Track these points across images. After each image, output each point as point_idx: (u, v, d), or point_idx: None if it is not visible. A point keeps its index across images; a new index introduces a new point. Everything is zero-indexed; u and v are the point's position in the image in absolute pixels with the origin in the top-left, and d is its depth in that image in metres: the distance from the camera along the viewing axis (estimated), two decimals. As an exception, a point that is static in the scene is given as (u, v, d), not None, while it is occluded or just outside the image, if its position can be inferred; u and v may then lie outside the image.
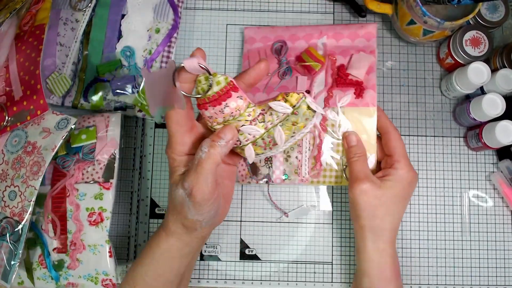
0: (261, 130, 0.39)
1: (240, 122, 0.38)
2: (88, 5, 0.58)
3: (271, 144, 0.40)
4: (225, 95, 0.37)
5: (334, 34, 0.56)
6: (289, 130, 0.39)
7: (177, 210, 0.41)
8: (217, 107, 0.37)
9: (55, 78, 0.56)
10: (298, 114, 0.38)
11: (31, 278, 0.51)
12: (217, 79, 0.37)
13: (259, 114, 0.38)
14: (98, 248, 0.50)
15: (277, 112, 0.38)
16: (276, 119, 0.38)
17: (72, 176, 0.51)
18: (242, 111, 0.38)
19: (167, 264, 0.44)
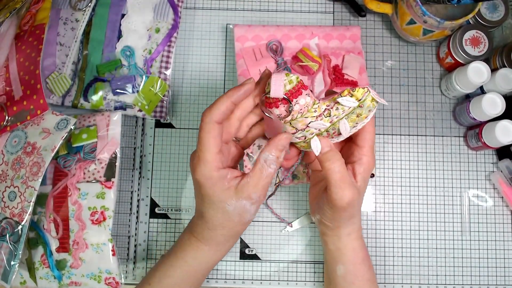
0: (327, 124, 0.40)
1: (307, 119, 0.40)
2: (88, 4, 0.58)
3: (334, 134, 0.41)
4: (297, 92, 0.39)
5: (324, 35, 0.57)
6: (353, 121, 0.40)
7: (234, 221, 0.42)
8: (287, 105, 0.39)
9: (55, 78, 0.56)
10: (363, 107, 0.39)
11: (33, 277, 0.52)
12: (290, 78, 0.39)
13: (324, 109, 0.40)
14: (101, 247, 0.50)
15: (343, 107, 0.39)
16: (342, 113, 0.40)
17: (73, 176, 0.51)
18: (309, 108, 0.39)
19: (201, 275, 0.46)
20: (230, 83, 0.59)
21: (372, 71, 0.60)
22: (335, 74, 0.55)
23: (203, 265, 0.45)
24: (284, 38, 0.56)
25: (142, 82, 0.56)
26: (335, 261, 0.46)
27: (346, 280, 0.45)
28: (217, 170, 0.40)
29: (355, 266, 0.45)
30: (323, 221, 0.45)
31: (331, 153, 0.40)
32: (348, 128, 0.40)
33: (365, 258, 0.46)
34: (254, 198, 0.40)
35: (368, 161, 0.43)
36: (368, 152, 0.43)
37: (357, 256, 0.45)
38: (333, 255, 0.46)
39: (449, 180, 0.57)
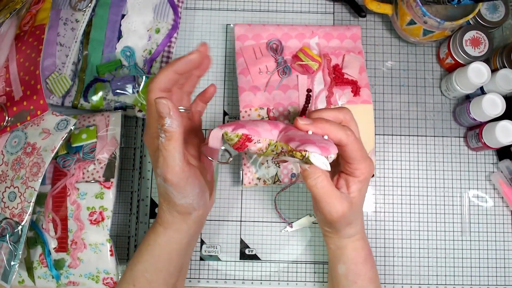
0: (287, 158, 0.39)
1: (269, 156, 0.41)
2: (88, 5, 0.58)
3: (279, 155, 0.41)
4: (242, 146, 0.39)
5: (324, 35, 0.57)
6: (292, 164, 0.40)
7: (166, 199, 0.41)
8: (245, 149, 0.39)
9: (55, 78, 0.56)
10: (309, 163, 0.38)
11: (31, 277, 0.51)
12: (229, 137, 0.38)
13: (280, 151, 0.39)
14: (99, 247, 0.50)
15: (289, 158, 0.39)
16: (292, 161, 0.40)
17: (72, 176, 0.51)
18: (265, 150, 0.40)
19: (167, 258, 0.44)
20: (230, 83, 0.59)
21: (372, 71, 0.60)
22: (335, 74, 0.55)
23: (164, 247, 0.44)
24: (284, 37, 0.57)
25: (142, 83, 0.56)
26: (336, 260, 0.46)
27: (348, 279, 0.45)
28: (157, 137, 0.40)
29: (357, 266, 0.45)
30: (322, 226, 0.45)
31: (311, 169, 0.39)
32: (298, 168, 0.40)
33: (367, 257, 0.46)
34: (160, 174, 0.39)
35: (362, 173, 0.41)
36: (359, 165, 0.41)
37: (359, 256, 0.45)
38: (335, 254, 0.46)
39: (449, 181, 0.57)
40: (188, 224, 0.43)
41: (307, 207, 0.57)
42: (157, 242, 0.44)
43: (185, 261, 0.47)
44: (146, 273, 0.44)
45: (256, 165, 0.54)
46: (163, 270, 0.44)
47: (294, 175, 0.54)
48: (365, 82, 0.55)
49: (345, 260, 0.45)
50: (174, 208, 0.42)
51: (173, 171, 0.38)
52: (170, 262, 0.44)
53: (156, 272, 0.44)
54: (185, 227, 0.43)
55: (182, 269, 0.47)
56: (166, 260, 0.44)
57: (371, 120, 0.54)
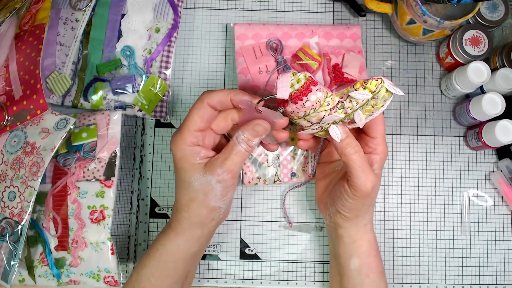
0: (341, 115, 0.41)
1: (321, 113, 0.40)
2: (88, 4, 0.58)
3: (349, 123, 0.42)
4: (306, 90, 0.39)
5: (324, 34, 0.57)
6: (368, 111, 0.41)
7: (198, 201, 0.42)
8: (299, 103, 0.39)
9: (55, 77, 0.56)
10: (378, 98, 0.39)
11: (32, 276, 0.51)
12: (297, 77, 0.39)
13: (338, 102, 0.40)
14: (100, 246, 0.50)
15: (357, 99, 0.40)
16: (356, 105, 0.40)
17: (73, 174, 0.51)
18: (322, 102, 0.40)
19: (173, 265, 0.44)
20: (230, 83, 0.59)
21: (372, 71, 0.60)
22: (335, 73, 0.55)
23: (172, 253, 0.44)
24: (284, 36, 0.57)
25: (142, 82, 0.56)
26: (349, 255, 0.46)
27: (361, 273, 0.45)
28: (191, 145, 0.42)
29: (370, 259, 0.46)
30: (341, 212, 0.45)
31: (350, 140, 0.42)
32: (363, 119, 0.41)
33: (378, 251, 0.47)
34: (220, 174, 0.41)
35: (383, 151, 0.44)
36: (381, 142, 0.44)
37: (372, 248, 0.46)
38: (348, 249, 0.46)
39: (449, 180, 0.57)
40: (203, 232, 0.44)
41: (307, 206, 0.57)
42: (166, 247, 0.44)
43: (191, 270, 0.47)
44: (152, 278, 0.44)
45: (256, 164, 0.54)
46: (169, 276, 0.45)
47: (294, 175, 0.54)
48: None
49: (360, 254, 0.46)
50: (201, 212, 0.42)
51: (235, 173, 0.42)
52: (176, 269, 0.45)
53: (161, 278, 0.44)
54: (198, 235, 0.44)
55: (187, 277, 0.47)
56: (172, 267, 0.44)
57: None
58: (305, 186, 0.57)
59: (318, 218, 0.57)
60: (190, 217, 0.43)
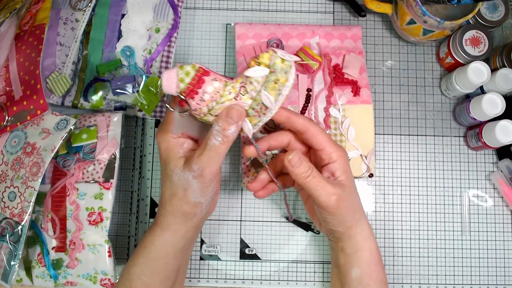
0: (248, 101, 0.38)
1: (224, 104, 0.38)
2: (88, 4, 0.58)
3: (263, 110, 0.39)
4: (199, 82, 0.37)
5: (325, 34, 0.57)
6: (274, 90, 0.38)
7: (178, 196, 0.41)
8: (196, 97, 0.37)
9: (55, 78, 0.56)
10: (276, 71, 0.38)
11: (29, 276, 0.51)
12: (185, 70, 0.37)
13: (239, 88, 0.38)
14: (97, 248, 0.50)
15: (256, 79, 0.38)
16: (258, 85, 0.38)
17: (72, 176, 0.51)
18: (222, 92, 0.38)
19: (163, 261, 0.44)
20: (230, 83, 0.59)
21: (372, 71, 0.60)
22: (335, 73, 0.55)
23: (159, 249, 0.43)
24: (285, 36, 0.57)
25: (142, 82, 0.56)
26: (350, 265, 0.45)
27: (362, 283, 0.45)
28: (176, 136, 0.41)
29: (371, 268, 0.45)
30: (333, 229, 0.44)
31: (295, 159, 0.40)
32: (271, 98, 0.38)
33: (380, 259, 0.46)
34: (195, 171, 0.39)
35: (338, 155, 0.43)
36: (331, 149, 0.42)
37: (373, 257, 0.45)
38: (350, 259, 0.45)
39: (449, 180, 0.57)
40: (187, 227, 0.43)
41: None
42: (153, 244, 0.43)
43: (182, 264, 0.46)
44: (143, 276, 0.44)
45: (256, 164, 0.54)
46: (159, 273, 0.44)
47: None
48: (365, 82, 0.55)
49: (360, 263, 0.45)
50: (182, 207, 0.41)
51: (211, 170, 0.39)
52: (167, 265, 0.44)
53: (152, 275, 0.44)
54: (183, 229, 0.43)
55: (179, 273, 0.46)
56: (162, 263, 0.44)
57: (371, 120, 0.55)
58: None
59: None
60: (173, 211, 0.42)
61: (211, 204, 0.44)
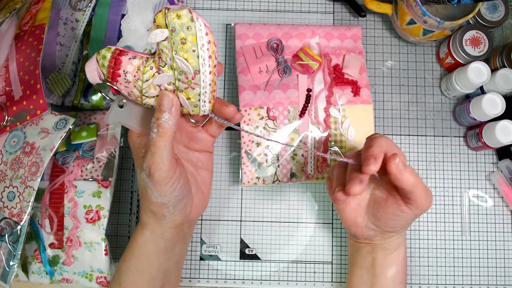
0: (169, 72, 0.36)
1: (150, 79, 0.36)
2: (88, 5, 0.58)
3: (192, 79, 0.36)
4: (116, 62, 0.36)
5: (325, 34, 0.57)
6: (187, 52, 0.35)
7: (143, 196, 0.41)
8: (120, 79, 0.36)
9: (55, 78, 0.56)
10: (176, 29, 0.34)
11: (25, 272, 0.52)
12: (102, 55, 0.36)
13: (158, 60, 0.36)
14: (94, 246, 0.50)
15: (163, 44, 0.35)
16: (168, 51, 0.35)
17: (71, 173, 0.51)
18: (143, 68, 0.36)
19: (146, 259, 0.43)
20: (230, 83, 0.59)
21: (372, 71, 0.60)
22: (335, 73, 0.55)
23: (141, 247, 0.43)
24: (285, 36, 0.57)
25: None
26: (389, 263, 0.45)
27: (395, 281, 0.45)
28: (138, 135, 0.41)
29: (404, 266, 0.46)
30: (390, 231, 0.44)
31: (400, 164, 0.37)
32: (185, 62, 0.35)
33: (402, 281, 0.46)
34: (145, 169, 0.38)
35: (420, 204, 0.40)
36: (416, 196, 0.39)
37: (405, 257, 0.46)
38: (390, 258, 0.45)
39: (449, 180, 0.57)
40: (163, 228, 0.42)
41: (306, 206, 0.57)
42: (136, 242, 0.43)
43: (169, 266, 0.45)
44: (129, 273, 0.44)
45: (255, 164, 0.54)
46: (144, 272, 0.43)
47: (293, 175, 0.54)
48: (365, 82, 0.55)
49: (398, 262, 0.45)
50: (149, 207, 0.41)
51: (158, 167, 0.37)
52: (151, 264, 0.43)
53: (137, 273, 0.43)
54: (159, 230, 0.42)
55: (167, 276, 0.45)
56: (145, 261, 0.43)
57: (371, 120, 0.55)
58: (305, 186, 0.57)
59: (318, 218, 0.57)
60: (145, 210, 0.42)
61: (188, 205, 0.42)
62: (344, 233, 0.56)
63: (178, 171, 0.39)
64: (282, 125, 0.54)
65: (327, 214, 0.57)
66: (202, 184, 0.45)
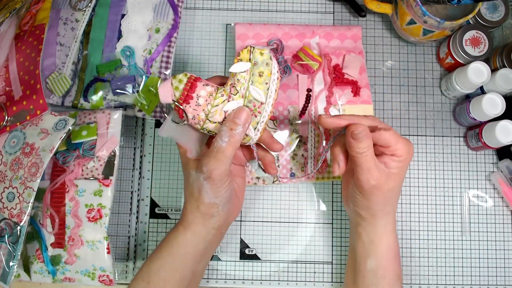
0: (240, 100, 0.40)
1: (219, 105, 0.40)
2: (88, 4, 0.58)
3: (257, 107, 0.41)
4: (192, 87, 0.39)
5: (325, 35, 0.57)
6: (261, 84, 0.40)
7: (194, 196, 0.43)
8: (191, 102, 0.40)
9: (55, 78, 0.56)
10: (258, 64, 0.40)
11: (27, 272, 0.52)
12: (178, 78, 0.40)
13: (230, 88, 0.40)
14: (96, 245, 0.50)
15: (243, 75, 0.40)
16: (245, 82, 0.40)
17: (71, 172, 0.51)
18: (215, 95, 0.40)
19: (183, 259, 0.45)
20: (230, 83, 0.59)
21: (372, 71, 0.60)
22: (335, 74, 0.55)
23: (181, 247, 0.45)
24: (285, 36, 0.57)
25: (142, 82, 0.55)
26: (366, 254, 0.45)
27: (377, 275, 0.45)
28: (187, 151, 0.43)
29: (388, 262, 0.45)
30: (357, 210, 0.45)
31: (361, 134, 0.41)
32: (260, 91, 0.40)
33: (397, 254, 0.46)
34: (205, 172, 0.41)
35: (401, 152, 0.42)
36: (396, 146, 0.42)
37: (391, 252, 0.45)
38: (366, 248, 0.46)
39: (449, 180, 0.57)
40: (207, 229, 0.44)
41: (306, 206, 0.57)
42: (176, 240, 0.45)
43: (199, 269, 0.47)
44: (162, 271, 0.45)
45: (255, 164, 0.54)
46: (178, 270, 0.45)
47: (293, 175, 0.54)
48: (365, 82, 0.55)
49: (377, 255, 0.45)
50: (199, 207, 0.43)
51: (220, 171, 0.40)
52: (185, 264, 0.45)
53: (171, 271, 0.44)
54: (203, 231, 0.44)
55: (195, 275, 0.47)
56: (181, 261, 0.45)
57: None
58: (305, 186, 0.57)
59: (318, 218, 0.57)
60: (192, 211, 0.44)
61: (231, 207, 0.45)
62: (344, 233, 0.56)
63: (231, 176, 0.43)
64: (282, 125, 0.54)
65: (327, 214, 0.57)
66: (238, 189, 0.48)
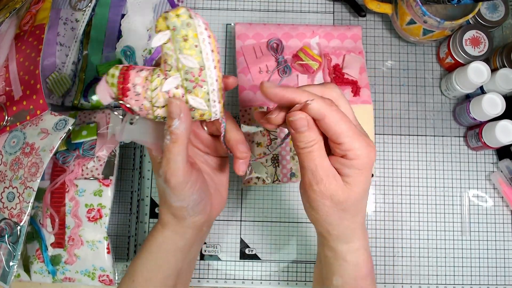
0: (176, 74, 0.36)
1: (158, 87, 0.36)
2: (88, 4, 0.58)
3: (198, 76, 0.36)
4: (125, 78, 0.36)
5: (325, 35, 0.57)
6: (190, 49, 0.35)
7: (163, 200, 0.41)
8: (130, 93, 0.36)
9: (55, 78, 0.56)
10: (177, 28, 0.34)
11: (27, 272, 0.52)
12: (111, 73, 0.37)
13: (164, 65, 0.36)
14: (96, 244, 0.50)
15: (167, 46, 0.35)
16: (172, 52, 0.35)
17: (71, 172, 0.51)
18: (151, 77, 0.36)
19: (164, 257, 0.44)
20: (230, 83, 0.59)
21: (372, 71, 0.60)
22: (335, 74, 0.55)
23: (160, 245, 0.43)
24: (285, 36, 0.57)
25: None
26: (332, 272, 0.40)
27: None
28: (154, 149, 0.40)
29: (356, 281, 0.39)
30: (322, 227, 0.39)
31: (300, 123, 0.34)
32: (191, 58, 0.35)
33: (369, 273, 0.40)
34: (161, 175, 0.38)
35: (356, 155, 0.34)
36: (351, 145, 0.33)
37: (359, 271, 0.39)
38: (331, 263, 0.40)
39: (449, 180, 0.57)
40: (184, 228, 0.43)
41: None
42: (155, 239, 0.44)
43: (184, 268, 0.46)
44: (144, 270, 0.44)
45: (256, 164, 0.54)
46: (160, 270, 0.44)
47: (293, 175, 0.54)
48: (365, 82, 0.55)
49: (343, 275, 0.39)
50: (169, 209, 0.41)
51: (173, 173, 0.37)
52: (168, 262, 0.44)
53: (153, 270, 0.44)
54: (180, 230, 0.43)
55: (180, 276, 0.46)
56: (163, 259, 0.44)
57: (371, 120, 0.55)
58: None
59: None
60: (165, 211, 0.42)
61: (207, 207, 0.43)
62: (344, 233, 0.56)
63: (195, 175, 0.39)
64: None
65: (327, 214, 0.57)
66: (220, 184, 0.45)
